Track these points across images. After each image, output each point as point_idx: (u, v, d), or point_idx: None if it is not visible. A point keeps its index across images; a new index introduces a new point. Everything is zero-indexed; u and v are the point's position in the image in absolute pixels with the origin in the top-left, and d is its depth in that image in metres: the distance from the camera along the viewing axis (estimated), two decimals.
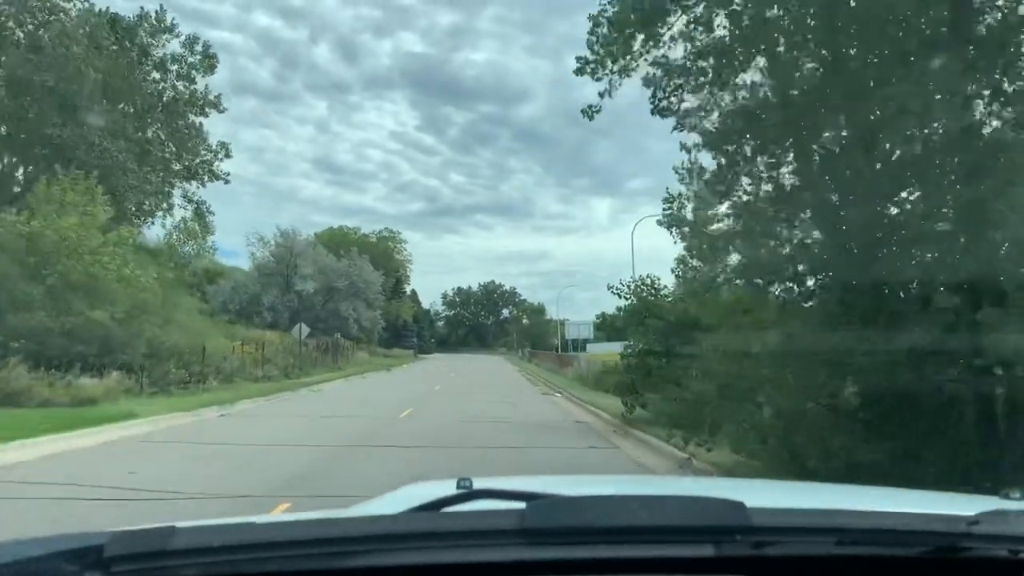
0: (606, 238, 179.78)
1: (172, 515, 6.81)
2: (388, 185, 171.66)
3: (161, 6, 31.95)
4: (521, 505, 1.18)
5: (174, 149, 31.84)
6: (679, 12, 9.11)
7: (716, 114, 8.93)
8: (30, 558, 1.07)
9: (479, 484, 1.50)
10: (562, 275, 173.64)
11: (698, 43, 9.00)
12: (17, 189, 27.49)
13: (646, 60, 9.53)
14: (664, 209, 13.99)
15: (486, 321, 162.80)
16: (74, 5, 27.01)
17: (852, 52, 7.68)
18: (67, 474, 8.90)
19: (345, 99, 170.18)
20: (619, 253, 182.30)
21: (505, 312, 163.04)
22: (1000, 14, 6.77)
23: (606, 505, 1.24)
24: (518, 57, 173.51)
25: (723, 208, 9.50)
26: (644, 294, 16.84)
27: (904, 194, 7.58)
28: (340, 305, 57.25)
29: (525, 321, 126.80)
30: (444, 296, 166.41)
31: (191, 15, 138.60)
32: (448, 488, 1.44)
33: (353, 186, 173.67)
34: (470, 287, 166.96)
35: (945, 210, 6.98)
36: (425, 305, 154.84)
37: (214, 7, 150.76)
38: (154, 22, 30.56)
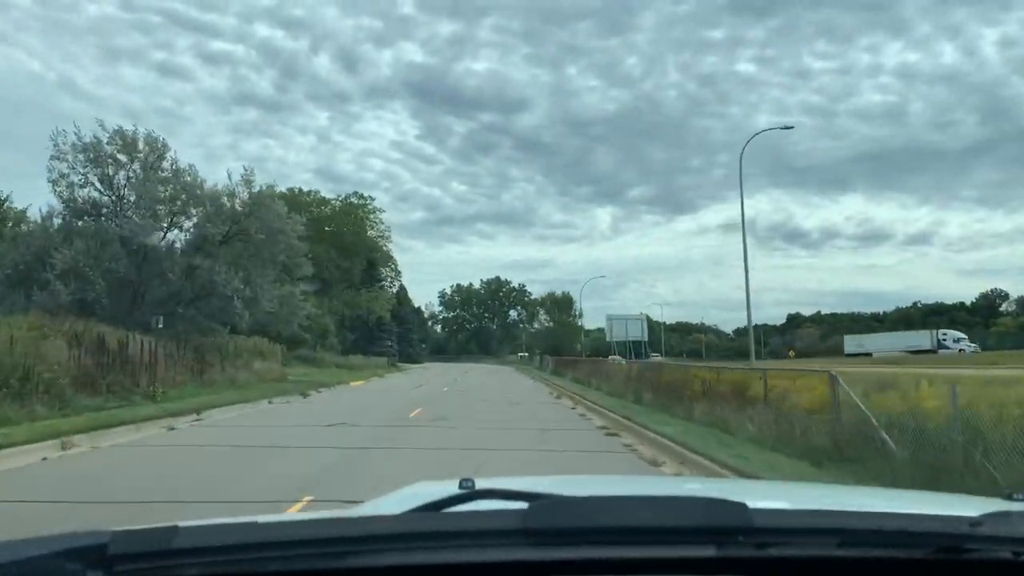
0: (608, 246, 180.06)
1: None
2: (389, 194, 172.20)
3: None
4: (523, 505, 1.18)
5: None
6: None
7: None
8: (32, 557, 1.07)
9: (481, 484, 1.50)
10: (566, 283, 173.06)
11: None
12: None
13: None
14: None
15: (491, 324, 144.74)
16: None
17: None
18: None
19: (346, 109, 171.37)
20: (622, 260, 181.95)
21: (512, 314, 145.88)
22: None
23: (608, 505, 1.25)
24: (518, 66, 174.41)
25: None
26: None
27: None
28: (218, 273, 28.56)
29: (544, 318, 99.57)
30: (442, 295, 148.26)
31: (193, 26, 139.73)
32: (450, 488, 1.45)
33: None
34: (471, 284, 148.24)
35: None
36: (425, 311, 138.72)
37: (216, 19, 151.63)
38: None
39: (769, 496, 2.22)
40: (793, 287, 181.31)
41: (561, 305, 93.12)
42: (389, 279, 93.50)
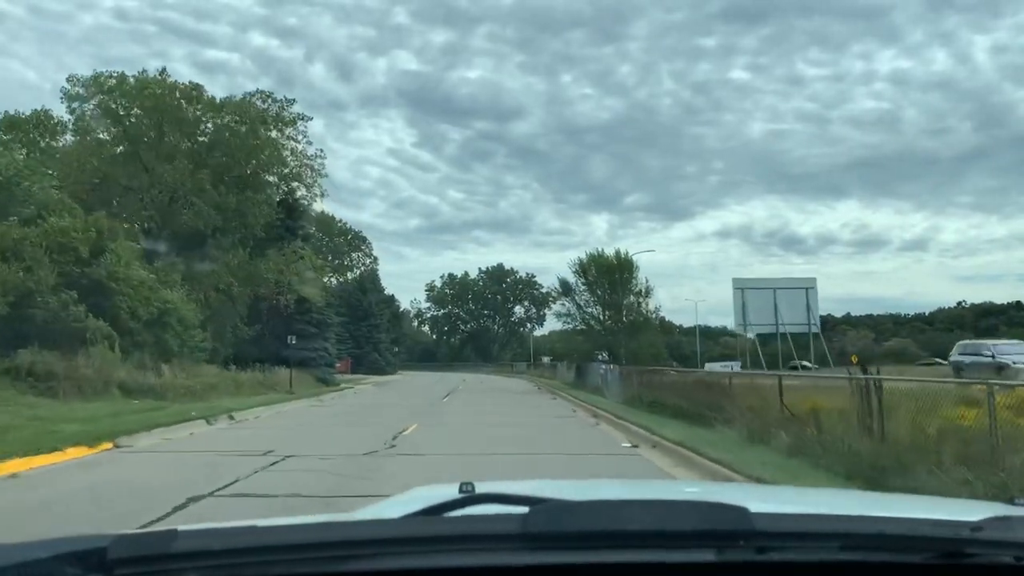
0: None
1: None
2: (386, 202, 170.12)
3: None
4: (523, 509, 1.18)
5: None
6: None
7: None
8: (33, 561, 1.08)
9: (482, 488, 1.50)
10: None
11: None
12: None
13: None
14: None
15: (491, 324, 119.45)
16: None
17: None
18: None
19: (342, 117, 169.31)
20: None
21: (518, 310, 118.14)
22: None
23: (608, 509, 1.24)
24: (512, 75, 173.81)
25: None
26: None
27: None
28: None
29: (584, 298, 48.36)
30: (430, 289, 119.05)
31: (188, 35, 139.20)
32: (451, 492, 1.45)
33: (351, 203, 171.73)
34: (467, 274, 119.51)
35: None
36: (411, 309, 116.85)
37: (211, 27, 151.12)
38: None
39: (770, 500, 2.22)
40: None
41: (612, 274, 48.64)
42: (362, 263, 76.60)
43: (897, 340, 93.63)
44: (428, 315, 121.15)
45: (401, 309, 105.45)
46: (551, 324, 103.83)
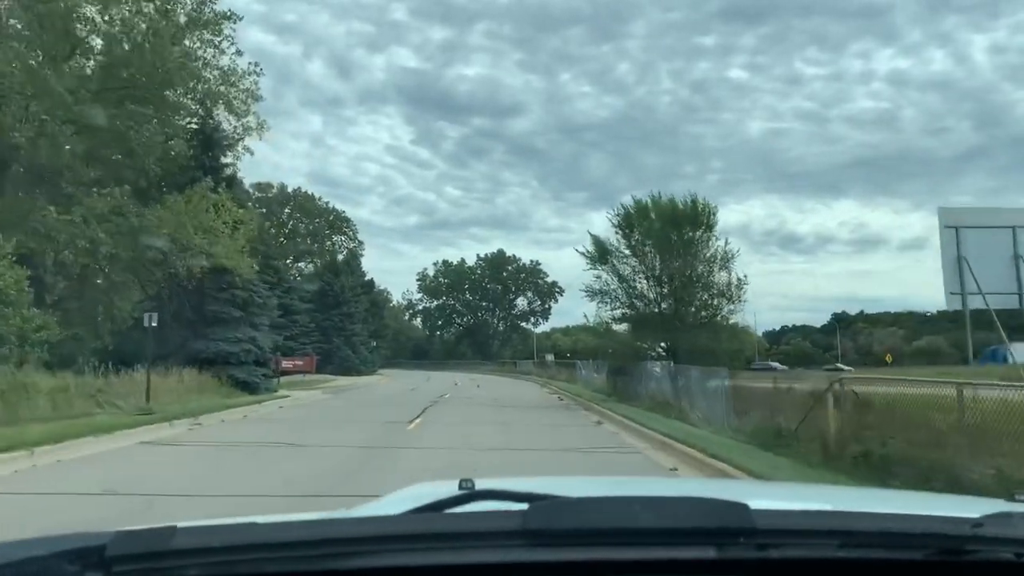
0: None
1: None
2: (384, 198, 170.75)
3: None
4: (523, 506, 1.18)
5: None
6: None
7: None
8: (31, 558, 1.08)
9: (481, 485, 1.50)
10: (564, 287, 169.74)
11: None
12: None
13: None
14: None
15: (490, 317, 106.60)
16: None
17: None
18: None
19: (340, 114, 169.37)
20: None
21: (521, 302, 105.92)
22: None
23: (609, 506, 1.24)
24: (511, 72, 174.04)
25: None
26: None
27: None
28: None
29: (625, 265, 26.95)
30: (422, 278, 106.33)
31: None
32: (451, 489, 1.45)
33: (350, 199, 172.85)
34: (463, 261, 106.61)
35: None
36: (402, 301, 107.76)
37: None
38: None
39: (770, 497, 2.22)
40: (790, 293, 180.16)
41: (680, 228, 24.36)
42: (345, 248, 68.84)
43: (928, 338, 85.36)
44: (420, 307, 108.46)
45: (392, 303, 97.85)
46: (562, 317, 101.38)
